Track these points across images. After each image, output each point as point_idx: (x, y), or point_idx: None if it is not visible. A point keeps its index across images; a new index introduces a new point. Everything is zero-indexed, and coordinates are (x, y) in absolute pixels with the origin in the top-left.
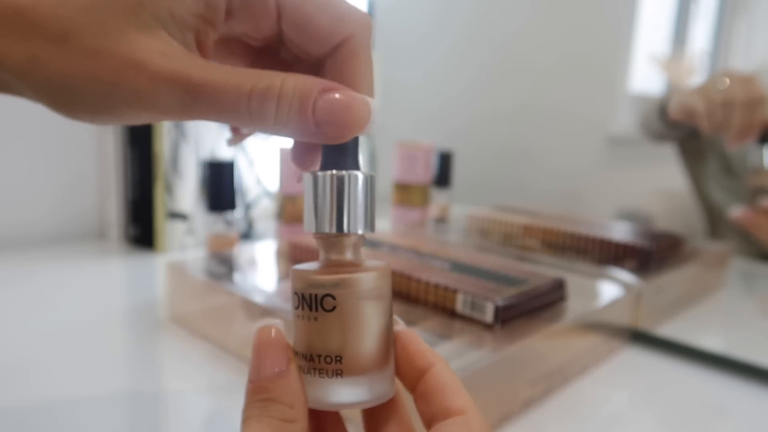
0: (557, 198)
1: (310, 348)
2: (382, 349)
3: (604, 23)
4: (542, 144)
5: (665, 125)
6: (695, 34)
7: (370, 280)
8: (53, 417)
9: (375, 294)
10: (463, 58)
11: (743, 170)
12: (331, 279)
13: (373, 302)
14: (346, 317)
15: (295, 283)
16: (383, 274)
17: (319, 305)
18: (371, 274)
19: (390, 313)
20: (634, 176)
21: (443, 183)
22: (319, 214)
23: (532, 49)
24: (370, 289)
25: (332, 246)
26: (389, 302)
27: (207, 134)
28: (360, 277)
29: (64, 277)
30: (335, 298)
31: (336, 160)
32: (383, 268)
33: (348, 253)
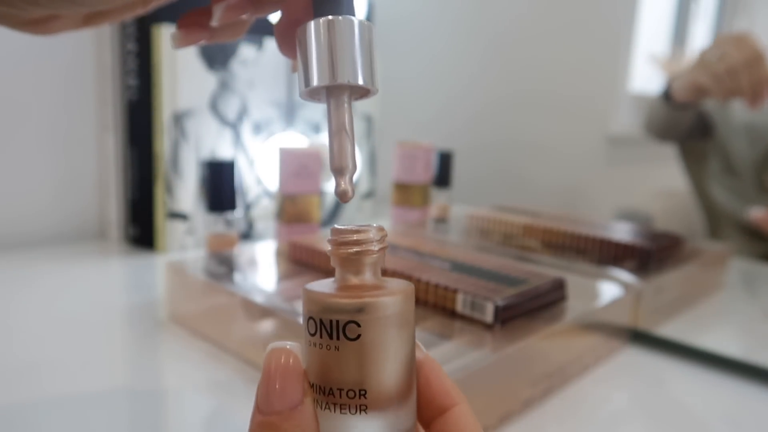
0: (557, 198)
1: (329, 380)
2: (407, 380)
3: (604, 23)
4: (542, 144)
5: (673, 110)
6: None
7: (396, 304)
8: (53, 416)
9: (402, 319)
10: (463, 58)
11: (744, 169)
12: (355, 303)
13: (399, 329)
14: (372, 346)
15: (309, 306)
16: (408, 296)
17: (342, 333)
18: (398, 298)
19: (414, 339)
20: (634, 176)
21: (443, 183)
22: (312, 65)
23: (532, 49)
24: (397, 314)
25: (351, 263)
26: (414, 327)
27: (207, 134)
28: (386, 302)
29: (63, 277)
30: (360, 325)
31: (329, 9)
32: (408, 290)
33: (368, 272)
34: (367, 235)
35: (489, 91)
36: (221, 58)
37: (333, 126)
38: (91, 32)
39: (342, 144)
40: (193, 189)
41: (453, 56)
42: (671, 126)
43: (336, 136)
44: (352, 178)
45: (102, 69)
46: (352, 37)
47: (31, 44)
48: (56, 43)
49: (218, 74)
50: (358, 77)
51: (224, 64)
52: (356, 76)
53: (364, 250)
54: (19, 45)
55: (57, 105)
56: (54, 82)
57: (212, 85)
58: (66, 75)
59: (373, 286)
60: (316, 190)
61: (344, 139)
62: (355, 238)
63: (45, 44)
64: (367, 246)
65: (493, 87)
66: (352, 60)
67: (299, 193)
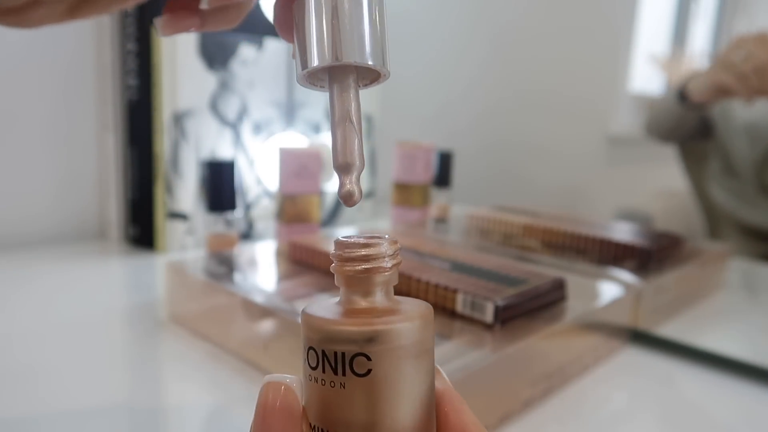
0: (557, 198)
1: (333, 422)
2: (425, 419)
3: (604, 23)
4: (542, 144)
5: (688, 110)
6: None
7: (414, 332)
8: (53, 417)
9: (420, 349)
10: (463, 58)
11: (744, 169)
12: (364, 332)
13: (417, 360)
14: (384, 383)
15: (309, 333)
16: (428, 321)
17: (348, 367)
18: (415, 324)
19: (433, 369)
20: (634, 176)
21: (443, 183)
22: (312, 44)
23: (533, 49)
24: (415, 342)
25: (358, 283)
26: (433, 355)
27: (207, 134)
28: (401, 329)
29: (63, 277)
30: (370, 358)
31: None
32: (427, 313)
33: (378, 292)
34: (377, 249)
35: (489, 91)
36: (221, 58)
37: (336, 115)
38: (91, 32)
39: (347, 137)
40: (193, 189)
41: (453, 56)
42: (679, 126)
43: (340, 127)
44: (359, 177)
45: (102, 69)
46: (360, 10)
47: (32, 44)
48: (56, 43)
49: (218, 74)
50: (366, 56)
51: (224, 64)
52: (364, 55)
53: (374, 268)
54: (20, 45)
55: (57, 105)
56: (54, 82)
57: (212, 85)
58: (66, 75)
59: (385, 310)
60: (316, 190)
61: (350, 131)
62: (363, 253)
63: (45, 44)
64: (378, 262)
65: (493, 87)
66: (359, 36)
67: (299, 193)
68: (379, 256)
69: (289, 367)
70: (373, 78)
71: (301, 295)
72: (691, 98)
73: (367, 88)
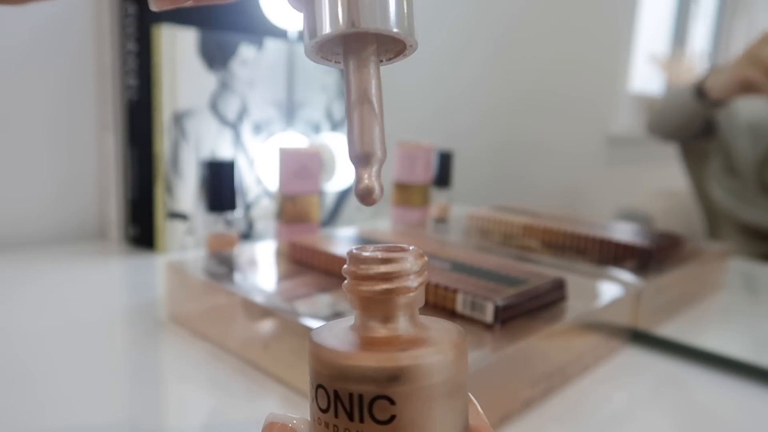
0: (557, 198)
1: None
2: None
3: (604, 23)
4: (542, 144)
5: (706, 107)
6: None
7: (446, 366)
8: (52, 417)
9: (453, 386)
10: (463, 58)
11: (746, 169)
12: (387, 369)
13: (450, 400)
14: (411, 430)
15: (318, 367)
16: (461, 350)
17: (367, 413)
18: (448, 357)
19: (467, 407)
20: (634, 176)
21: (443, 183)
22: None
23: (533, 49)
24: (447, 380)
25: (377, 306)
26: (466, 390)
27: (207, 134)
28: (431, 364)
29: (63, 277)
30: (394, 401)
31: None
32: (460, 341)
33: (401, 317)
34: (400, 265)
35: (489, 91)
36: (221, 58)
37: (354, 95)
38: (92, 32)
39: (366, 121)
40: (193, 189)
41: (453, 56)
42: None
43: (357, 110)
44: (380, 169)
45: (102, 69)
46: None
47: (32, 44)
48: (57, 43)
49: (218, 74)
50: (390, 22)
51: (224, 64)
52: (387, 20)
53: (397, 288)
54: (20, 45)
55: (57, 105)
56: (54, 82)
57: (212, 85)
58: (66, 75)
59: (410, 340)
60: (316, 190)
61: (369, 114)
62: (383, 270)
63: (45, 44)
64: (401, 281)
65: (493, 87)
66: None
67: (299, 193)
68: (402, 273)
69: (289, 367)
70: (397, 51)
71: (301, 295)
72: (710, 95)
73: (390, 64)
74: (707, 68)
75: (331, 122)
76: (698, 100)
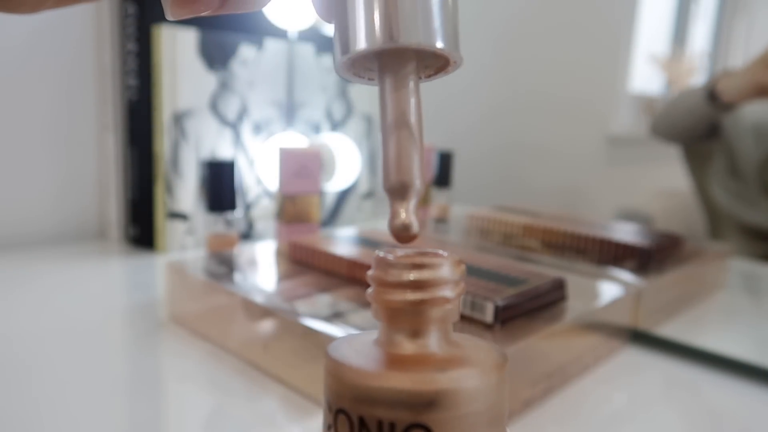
0: (557, 198)
1: None
2: None
3: (604, 23)
4: (542, 144)
5: (718, 111)
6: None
7: (489, 391)
8: (52, 417)
9: (495, 414)
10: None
11: (749, 170)
12: (423, 393)
13: (490, 428)
14: None
15: (338, 387)
16: (503, 372)
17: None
18: (491, 380)
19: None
20: (634, 176)
21: (443, 183)
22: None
23: (532, 49)
24: (489, 407)
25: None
26: (506, 420)
27: (207, 134)
28: (473, 388)
29: (63, 277)
30: (431, 430)
31: None
32: (501, 362)
33: (434, 332)
34: (436, 272)
35: (489, 91)
36: (221, 58)
37: (390, 118)
38: (92, 32)
39: (403, 147)
40: (193, 189)
41: None
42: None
43: (394, 135)
44: (417, 202)
45: (102, 69)
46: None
47: (32, 44)
48: (57, 44)
49: (218, 74)
50: (433, 36)
51: (224, 64)
52: (430, 34)
53: (432, 299)
54: (20, 45)
55: (57, 105)
56: (54, 82)
57: (212, 85)
58: (66, 75)
59: (446, 360)
60: (316, 190)
61: (407, 141)
62: (414, 278)
63: (46, 44)
64: (436, 291)
65: (493, 87)
66: (424, 10)
67: (299, 193)
68: (438, 282)
69: (289, 367)
70: (439, 67)
71: (301, 295)
72: (721, 98)
73: (431, 80)
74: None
75: (331, 122)
76: (709, 103)
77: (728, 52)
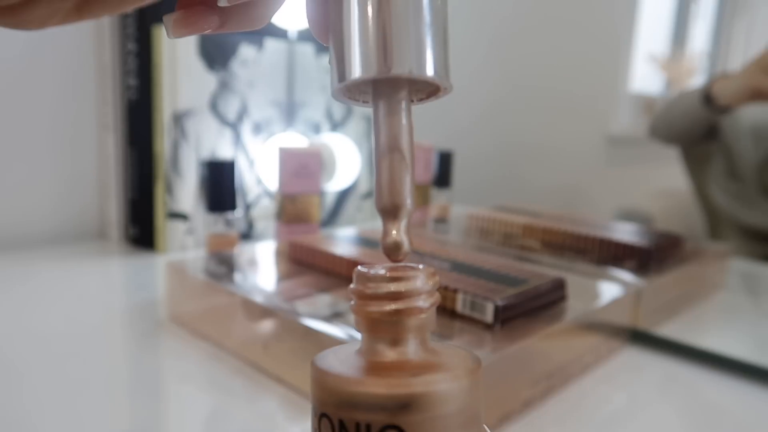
0: (557, 198)
1: None
2: None
3: (604, 23)
4: (542, 144)
5: (713, 114)
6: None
7: (462, 394)
8: (52, 417)
9: (468, 417)
10: (463, 58)
11: (748, 172)
12: (397, 395)
13: (463, 429)
14: None
15: (321, 394)
16: (477, 377)
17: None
18: (463, 384)
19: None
20: (634, 176)
21: (443, 183)
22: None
23: (533, 49)
24: (461, 409)
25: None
26: (482, 423)
27: (207, 134)
28: (445, 391)
29: (64, 277)
30: (404, 431)
31: None
32: (475, 367)
33: (412, 340)
34: (411, 283)
35: (489, 91)
36: (221, 58)
37: (383, 142)
38: (92, 32)
39: (395, 170)
40: (193, 189)
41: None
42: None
43: (386, 159)
44: (408, 222)
45: (102, 69)
46: (419, 6)
47: (32, 45)
48: (57, 43)
49: (218, 74)
50: (424, 66)
51: (224, 64)
52: (422, 64)
53: (407, 309)
54: (20, 45)
55: (57, 105)
56: (54, 82)
57: (212, 85)
58: (66, 75)
59: (422, 365)
60: (316, 190)
61: (398, 164)
62: (392, 289)
63: (45, 45)
64: (412, 301)
65: (493, 87)
66: (417, 40)
67: (299, 193)
68: (413, 293)
69: (289, 367)
70: (430, 92)
71: (301, 295)
72: (717, 101)
73: (422, 104)
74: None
75: (331, 122)
76: (705, 106)
77: (728, 52)
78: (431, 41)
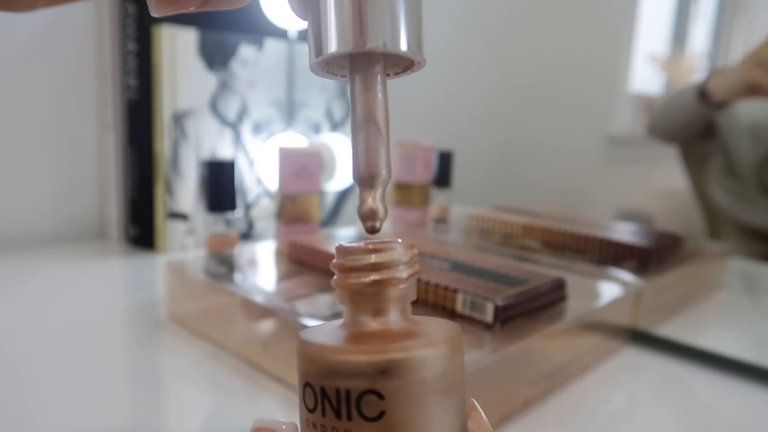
0: (557, 198)
1: None
2: None
3: (604, 23)
4: (542, 144)
5: (709, 110)
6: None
7: (439, 360)
8: (52, 417)
9: (447, 383)
10: (463, 58)
11: (746, 170)
12: (375, 361)
13: (444, 398)
14: (402, 429)
15: (305, 365)
16: (456, 344)
17: (355, 410)
18: (440, 350)
19: (465, 408)
20: (634, 176)
21: (443, 183)
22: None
23: (533, 48)
24: (440, 375)
25: (367, 299)
26: (464, 390)
27: (207, 134)
28: (423, 357)
29: (63, 277)
30: (383, 396)
31: None
32: (454, 335)
33: (392, 311)
34: (389, 255)
35: (489, 91)
36: (221, 58)
37: (359, 115)
38: (92, 32)
39: (371, 141)
40: (193, 189)
41: (453, 56)
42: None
43: (362, 131)
44: (384, 192)
45: (102, 69)
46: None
47: (32, 45)
48: (57, 44)
49: (218, 74)
50: (398, 41)
51: (224, 64)
52: (396, 38)
53: (386, 279)
54: (20, 45)
55: (57, 105)
56: (54, 82)
57: (212, 85)
58: (66, 75)
59: (401, 333)
60: (316, 190)
61: (374, 135)
62: (373, 261)
63: (45, 44)
64: (391, 272)
65: (493, 87)
66: (391, 16)
67: (299, 193)
68: (392, 264)
69: (289, 368)
70: (405, 66)
71: (301, 295)
72: (713, 97)
73: (398, 78)
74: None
75: (331, 122)
76: (700, 102)
77: (728, 52)
78: (405, 17)
